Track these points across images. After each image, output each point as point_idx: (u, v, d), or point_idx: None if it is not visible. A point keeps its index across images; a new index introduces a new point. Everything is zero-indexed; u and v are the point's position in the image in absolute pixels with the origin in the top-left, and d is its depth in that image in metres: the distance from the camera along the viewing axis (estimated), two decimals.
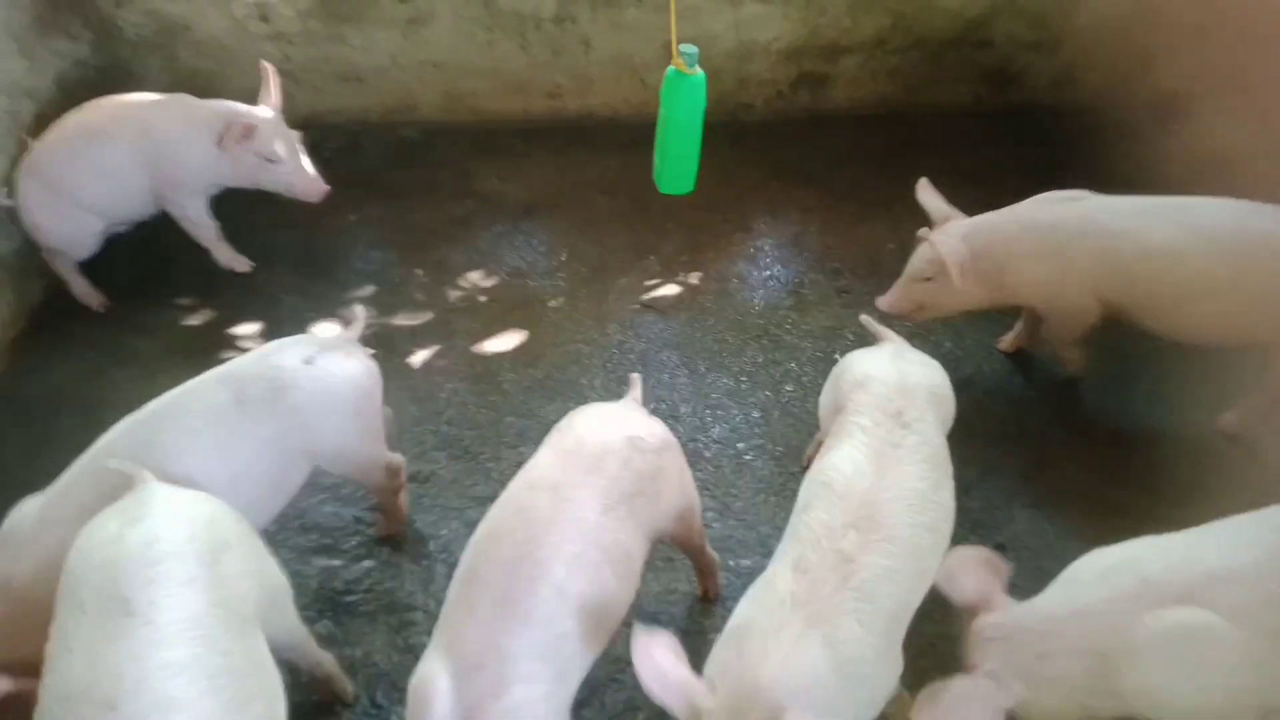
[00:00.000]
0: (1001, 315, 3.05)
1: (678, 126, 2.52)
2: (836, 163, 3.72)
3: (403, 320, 3.18)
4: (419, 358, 3.04)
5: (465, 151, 3.91)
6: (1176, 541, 1.76)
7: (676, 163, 2.65)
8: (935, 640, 2.02)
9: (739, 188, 3.65)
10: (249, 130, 2.99)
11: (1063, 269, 2.49)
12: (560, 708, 1.62)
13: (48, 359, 3.06)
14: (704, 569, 2.28)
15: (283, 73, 3.25)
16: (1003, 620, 1.77)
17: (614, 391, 2.76)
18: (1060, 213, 2.53)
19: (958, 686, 1.69)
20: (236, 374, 2.08)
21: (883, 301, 2.73)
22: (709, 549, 2.24)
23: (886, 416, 1.85)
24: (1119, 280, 2.46)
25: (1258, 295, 2.32)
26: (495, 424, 2.80)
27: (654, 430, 1.94)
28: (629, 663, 2.18)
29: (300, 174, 3.13)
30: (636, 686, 2.14)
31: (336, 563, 2.45)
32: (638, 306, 3.21)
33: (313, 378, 2.09)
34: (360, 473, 2.30)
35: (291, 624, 1.91)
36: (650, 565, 2.39)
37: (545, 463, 1.84)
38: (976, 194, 2.63)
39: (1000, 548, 2.38)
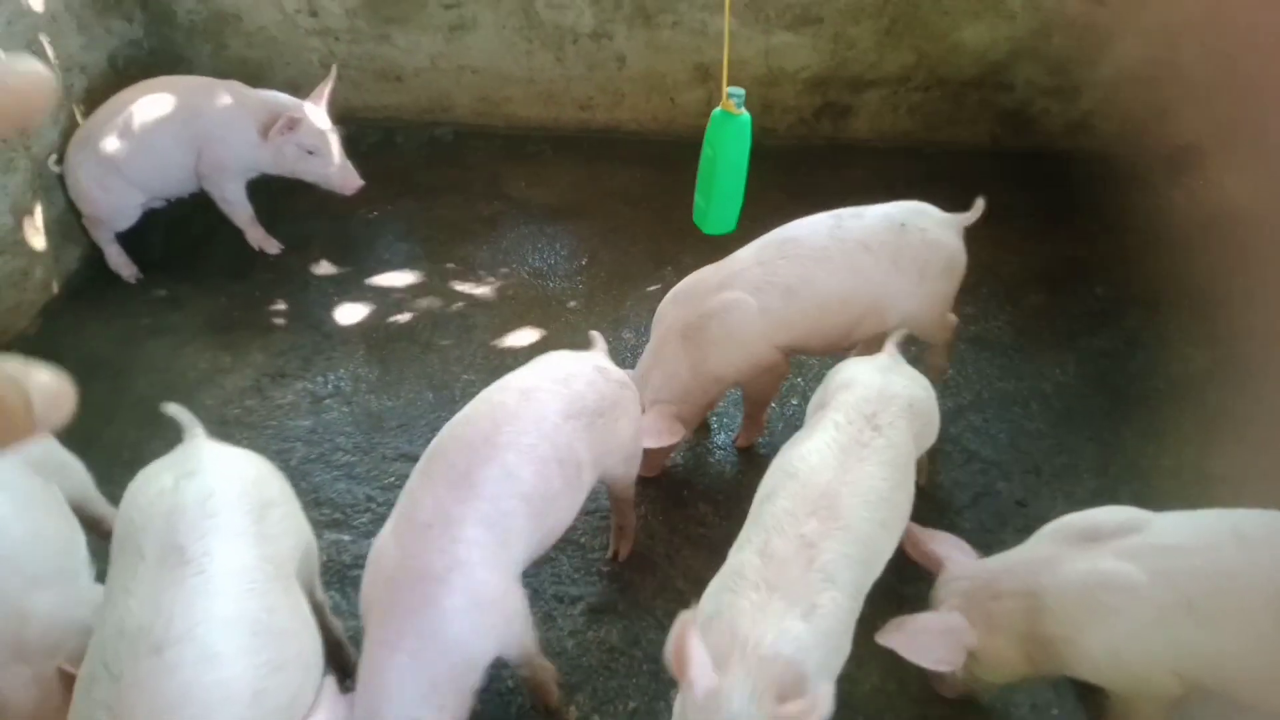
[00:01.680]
0: (1003, 344, 3.15)
1: (725, 166, 2.56)
2: (853, 191, 3.75)
3: (424, 310, 3.29)
4: (438, 347, 3.15)
5: (495, 155, 4.03)
6: (1140, 514, 1.86)
7: (722, 202, 2.69)
8: None
9: (758, 209, 3.68)
10: (293, 123, 3.13)
11: (759, 330, 2.46)
12: (501, 569, 1.80)
13: (82, 324, 3.17)
14: (624, 528, 2.47)
15: (324, 67, 3.38)
16: (968, 567, 1.95)
17: None
18: (726, 282, 2.51)
19: (927, 619, 1.85)
20: None
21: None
22: (632, 513, 2.47)
23: (861, 417, 1.93)
24: (805, 315, 2.47)
25: (905, 284, 2.51)
26: None
27: (618, 369, 2.19)
28: (622, 651, 2.29)
29: (337, 168, 3.26)
30: (628, 674, 2.26)
31: (346, 537, 2.55)
32: (652, 313, 3.29)
33: None
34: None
35: (315, 586, 2.01)
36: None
37: (519, 373, 2.06)
38: (987, 231, 2.70)
39: None
